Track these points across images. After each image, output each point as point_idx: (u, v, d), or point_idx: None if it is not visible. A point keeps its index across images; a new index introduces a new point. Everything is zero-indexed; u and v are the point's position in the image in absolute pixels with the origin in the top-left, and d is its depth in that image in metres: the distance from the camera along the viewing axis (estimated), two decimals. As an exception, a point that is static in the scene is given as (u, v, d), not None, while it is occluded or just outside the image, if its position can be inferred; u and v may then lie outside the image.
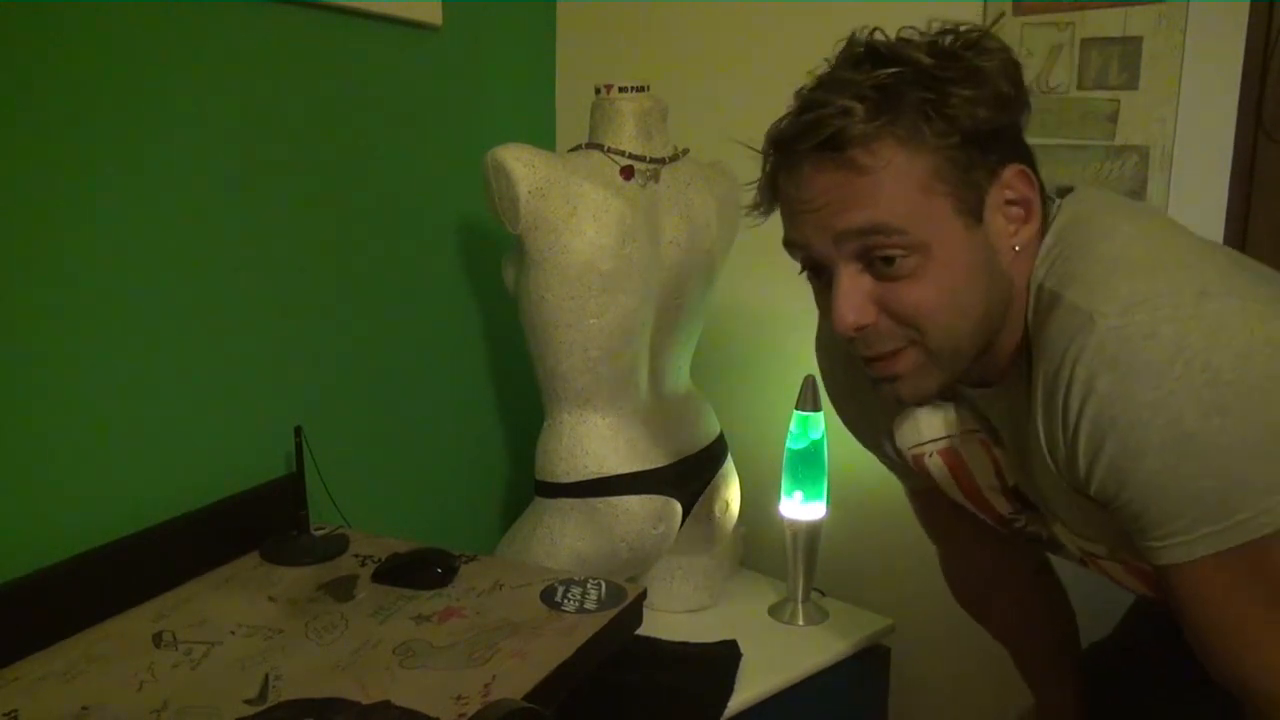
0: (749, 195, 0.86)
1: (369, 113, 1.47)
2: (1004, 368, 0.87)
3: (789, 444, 1.53)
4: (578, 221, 1.31)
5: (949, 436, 0.97)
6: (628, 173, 1.37)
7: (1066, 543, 0.97)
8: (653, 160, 1.39)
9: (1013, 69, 0.79)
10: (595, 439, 1.39)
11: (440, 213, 1.64)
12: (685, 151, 1.46)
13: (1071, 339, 0.75)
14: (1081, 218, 0.83)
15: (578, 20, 1.84)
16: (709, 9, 1.70)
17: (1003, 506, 1.00)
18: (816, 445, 1.51)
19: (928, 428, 0.98)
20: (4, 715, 0.91)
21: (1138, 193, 1.41)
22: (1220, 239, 1.39)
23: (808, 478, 1.51)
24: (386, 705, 0.91)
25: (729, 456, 1.57)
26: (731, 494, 1.56)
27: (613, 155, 1.38)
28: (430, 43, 1.57)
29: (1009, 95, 0.78)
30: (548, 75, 1.87)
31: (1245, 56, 1.32)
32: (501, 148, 1.31)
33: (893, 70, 0.76)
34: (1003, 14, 0.84)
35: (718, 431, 1.56)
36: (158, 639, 1.05)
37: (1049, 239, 0.83)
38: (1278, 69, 1.34)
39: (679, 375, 1.53)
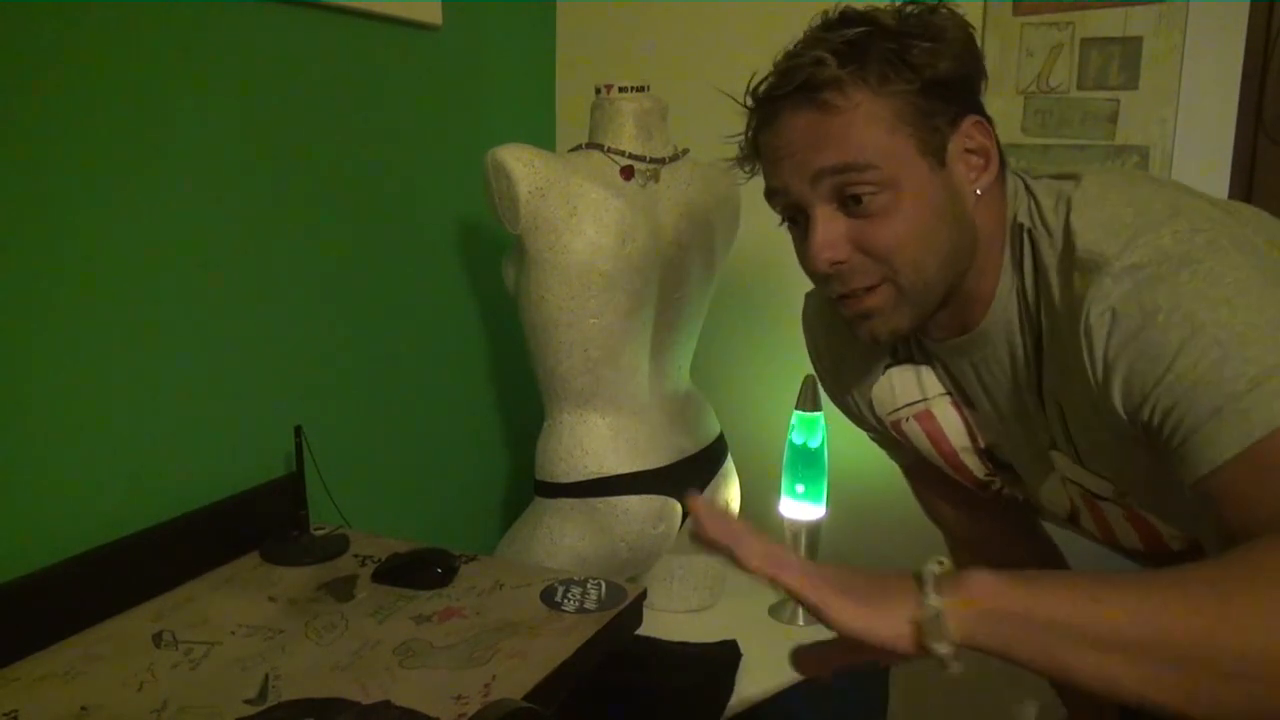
0: (734, 150, 0.93)
1: (369, 113, 1.47)
2: (976, 315, 0.91)
3: (789, 444, 1.53)
4: (578, 221, 1.31)
5: (923, 400, 1.02)
6: (628, 173, 1.37)
7: (1050, 501, 0.99)
8: (653, 160, 1.39)
9: (968, 32, 0.86)
10: (595, 439, 1.39)
11: (440, 213, 1.64)
12: (685, 151, 1.46)
13: (1088, 282, 0.79)
14: (1057, 187, 0.88)
15: (578, 20, 1.84)
16: (709, 9, 1.70)
17: (978, 469, 1.04)
18: (816, 445, 1.51)
19: (902, 393, 1.03)
20: (4, 715, 0.91)
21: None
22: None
23: (808, 478, 1.51)
24: (386, 705, 0.91)
25: (729, 456, 1.57)
26: (731, 494, 1.56)
27: (613, 155, 1.38)
28: (430, 43, 1.57)
29: (966, 53, 0.85)
30: (548, 75, 1.87)
31: (1245, 56, 1.32)
32: (501, 148, 1.31)
33: (860, 28, 0.83)
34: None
35: (718, 431, 1.56)
36: (158, 639, 1.05)
37: (1031, 202, 0.88)
38: (1278, 69, 1.34)
39: (679, 375, 1.53)
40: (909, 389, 1.02)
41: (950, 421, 1.02)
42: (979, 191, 0.87)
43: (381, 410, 1.54)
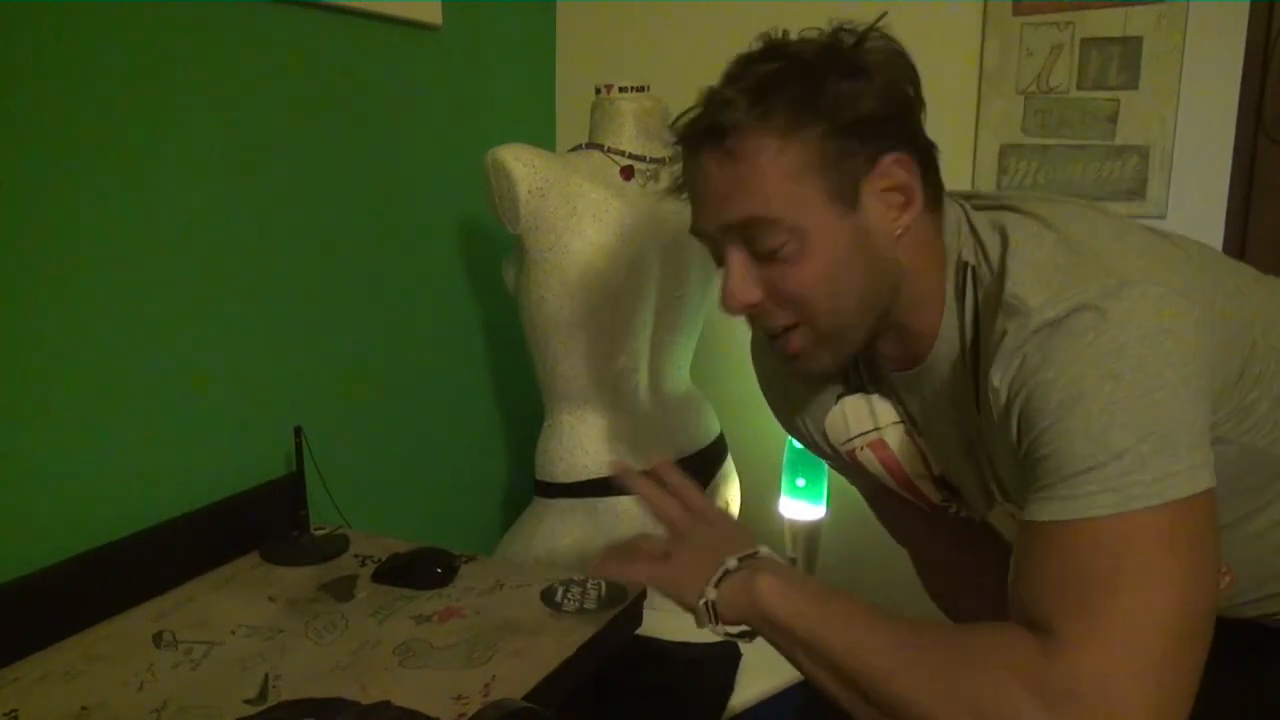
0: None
1: (369, 113, 1.47)
2: (925, 347, 0.90)
3: (789, 444, 1.53)
4: (578, 221, 1.31)
5: (876, 429, 1.01)
6: (628, 173, 1.37)
7: (997, 523, 0.99)
8: (653, 160, 1.39)
9: (901, 63, 0.83)
10: (595, 439, 1.39)
11: (440, 213, 1.64)
12: (685, 151, 1.46)
13: (1007, 325, 0.78)
14: (1000, 221, 0.86)
15: (578, 20, 1.84)
16: (709, 9, 1.70)
17: (934, 495, 1.04)
18: (816, 445, 1.51)
19: (855, 422, 1.02)
20: (4, 715, 0.91)
21: (1137, 193, 1.41)
22: (1220, 239, 1.39)
23: (808, 477, 1.51)
24: (386, 705, 0.91)
25: (729, 456, 1.57)
26: (731, 494, 1.56)
27: (613, 155, 1.38)
28: (430, 43, 1.57)
29: (893, 88, 0.83)
30: (548, 75, 1.87)
31: (1245, 56, 1.32)
32: (502, 148, 1.31)
33: (775, 65, 0.82)
34: (885, 13, 0.88)
35: (718, 431, 1.56)
36: (158, 639, 1.05)
37: (972, 238, 0.86)
38: (1278, 69, 1.34)
39: (679, 375, 1.53)
40: (862, 418, 1.01)
41: (904, 449, 1.00)
42: (899, 232, 0.85)
43: (381, 410, 1.54)
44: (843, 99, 0.80)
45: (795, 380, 1.05)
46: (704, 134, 0.83)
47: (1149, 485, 0.69)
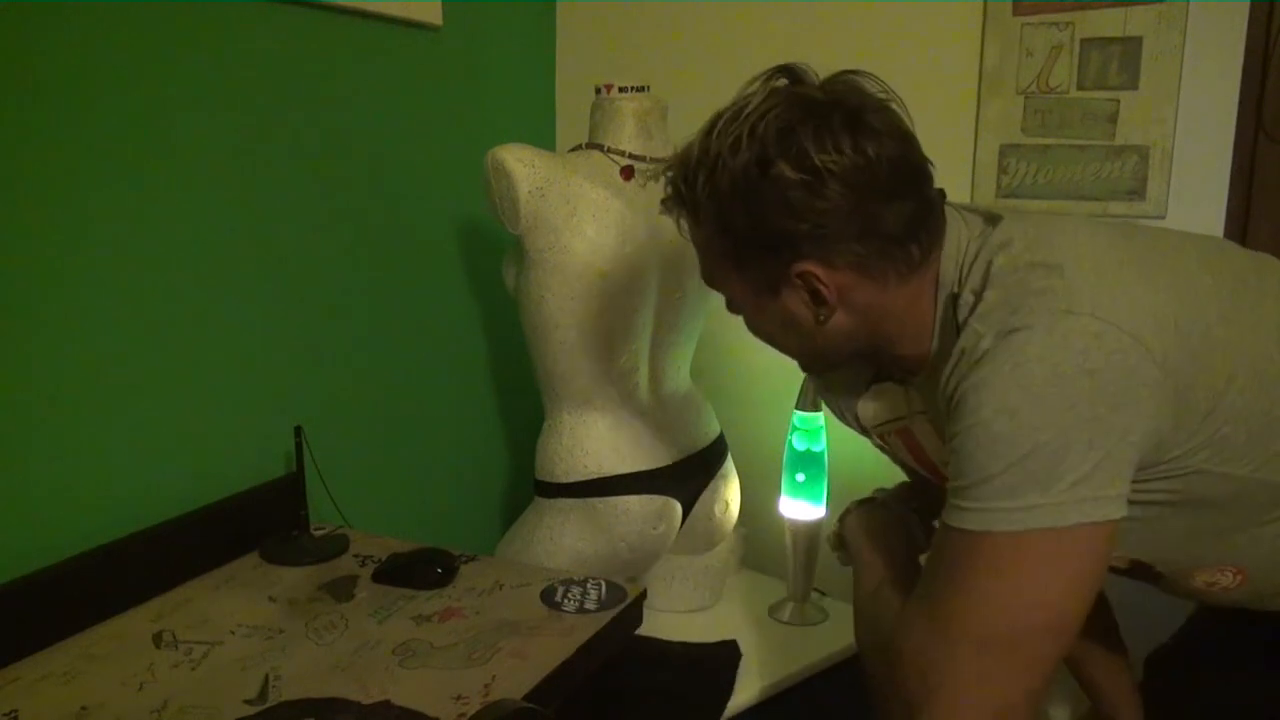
0: None
1: (369, 113, 1.47)
2: (919, 365, 0.95)
3: (789, 444, 1.53)
4: (578, 221, 1.31)
5: (901, 418, 1.05)
6: (628, 173, 1.37)
7: None
8: (653, 160, 1.39)
9: (821, 179, 0.83)
10: (595, 439, 1.39)
11: (440, 212, 1.64)
12: (685, 151, 1.46)
13: (962, 347, 0.84)
14: (1009, 250, 0.88)
15: (578, 20, 1.84)
16: (709, 9, 1.70)
17: None
18: (816, 445, 1.51)
19: (885, 409, 1.06)
20: (4, 715, 0.91)
21: (1137, 193, 1.41)
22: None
23: (808, 477, 1.51)
24: (386, 705, 0.91)
25: (729, 456, 1.57)
26: (731, 494, 1.56)
27: (613, 155, 1.38)
28: (430, 43, 1.57)
29: (802, 204, 0.84)
30: (548, 75, 1.87)
31: (1245, 56, 1.32)
32: (501, 148, 1.31)
33: (708, 162, 0.87)
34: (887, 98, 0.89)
35: (718, 431, 1.56)
36: (158, 639, 1.05)
37: (978, 265, 0.87)
38: (1278, 69, 1.34)
39: (679, 375, 1.53)
40: (891, 406, 1.05)
41: (929, 438, 1.03)
42: (822, 319, 0.90)
43: (381, 410, 1.54)
44: (756, 219, 0.86)
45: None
46: (674, 198, 0.93)
47: (1009, 512, 0.77)
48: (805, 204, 0.84)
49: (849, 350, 0.95)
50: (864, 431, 1.11)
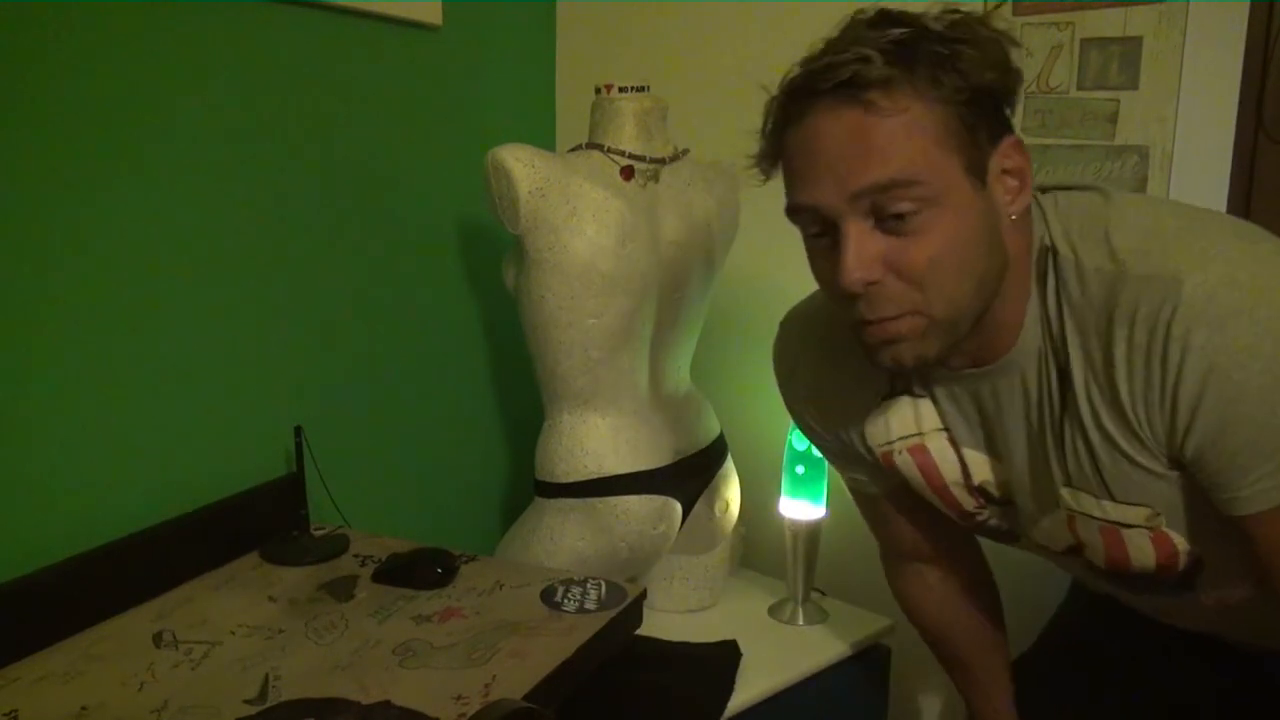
0: (749, 157, 0.87)
1: (369, 113, 1.47)
2: (999, 345, 0.88)
3: (789, 444, 1.53)
4: (578, 221, 1.31)
5: (918, 434, 0.99)
6: (628, 173, 1.37)
7: (1046, 537, 0.98)
8: (653, 160, 1.39)
9: (1011, 44, 0.81)
10: (595, 439, 1.39)
11: (440, 213, 1.64)
12: (685, 151, 1.46)
13: (1160, 305, 0.77)
14: (1076, 203, 0.86)
15: (578, 20, 1.84)
16: (709, 9, 1.70)
17: (968, 503, 1.03)
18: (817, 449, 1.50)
19: (898, 425, 1.00)
20: (4, 715, 0.91)
21: (1137, 192, 1.41)
22: (1220, 239, 1.39)
23: (808, 477, 1.51)
24: (386, 705, 0.91)
25: (729, 456, 1.57)
26: (731, 494, 1.56)
27: (613, 155, 1.38)
28: (430, 43, 1.57)
29: (1009, 66, 0.80)
30: (548, 75, 1.87)
31: (1245, 56, 1.32)
32: (501, 148, 1.31)
33: (906, 29, 0.78)
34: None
35: (718, 431, 1.56)
36: (158, 639, 1.05)
37: (1054, 224, 0.85)
38: (1278, 69, 1.34)
39: (679, 375, 1.53)
40: (905, 422, 0.99)
41: (944, 456, 0.99)
42: (1014, 216, 0.83)
43: (381, 410, 1.54)
44: (975, 65, 0.77)
45: (844, 379, 1.02)
46: (843, 86, 0.76)
47: None
48: (1009, 62, 0.79)
49: (986, 297, 0.83)
50: (865, 457, 1.06)
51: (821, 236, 0.83)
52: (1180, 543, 0.90)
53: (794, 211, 0.83)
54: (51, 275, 1.08)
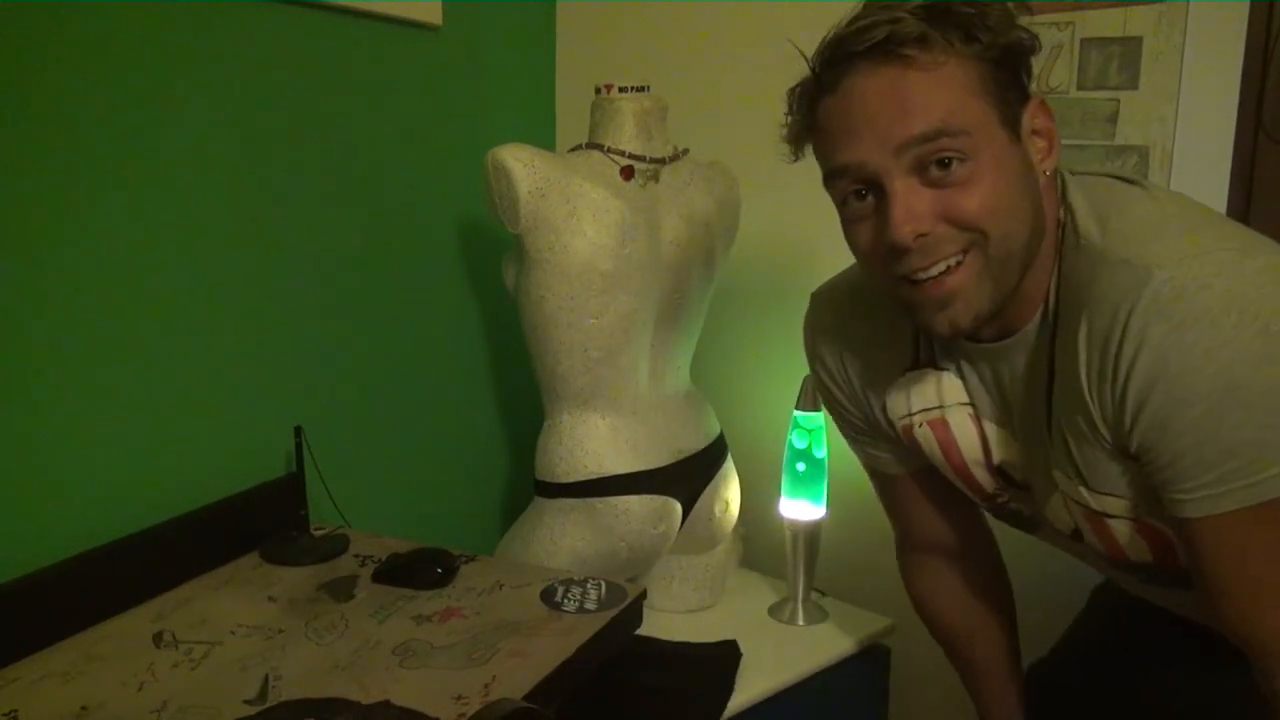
0: (776, 149, 0.88)
1: (369, 113, 1.47)
2: (1023, 317, 0.88)
3: (789, 444, 1.53)
4: (578, 221, 1.31)
5: (939, 407, 0.99)
6: (628, 173, 1.37)
7: (1054, 518, 0.98)
8: (653, 160, 1.39)
9: (1022, 13, 0.82)
10: (595, 439, 1.39)
11: (440, 213, 1.64)
12: (685, 151, 1.46)
13: (1125, 293, 0.77)
14: (1103, 185, 0.86)
15: (578, 20, 1.84)
16: (709, 9, 1.70)
17: (988, 484, 1.03)
18: (817, 445, 1.51)
19: (918, 398, 1.00)
20: (4, 715, 0.91)
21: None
22: (1220, 239, 1.39)
23: (808, 477, 1.51)
24: (386, 705, 0.91)
25: (729, 456, 1.57)
26: (731, 494, 1.56)
27: (613, 155, 1.38)
28: (430, 43, 1.57)
29: (1026, 29, 0.82)
30: (548, 75, 1.87)
31: (1245, 56, 1.32)
32: (501, 148, 1.31)
33: None
34: None
35: (718, 431, 1.56)
36: (158, 639, 1.05)
37: (1075, 198, 0.85)
38: (1278, 69, 1.34)
39: (679, 375, 1.53)
40: (926, 394, 1.00)
41: (965, 433, 0.99)
42: (1046, 173, 0.84)
43: (381, 410, 1.54)
44: (1003, 26, 0.79)
45: (871, 351, 1.03)
46: (878, 46, 0.78)
47: None
48: (1024, 28, 0.80)
49: (1033, 252, 0.84)
50: (887, 431, 1.06)
51: (863, 198, 0.83)
52: (1172, 535, 0.90)
53: (835, 175, 0.84)
54: (51, 275, 1.08)
